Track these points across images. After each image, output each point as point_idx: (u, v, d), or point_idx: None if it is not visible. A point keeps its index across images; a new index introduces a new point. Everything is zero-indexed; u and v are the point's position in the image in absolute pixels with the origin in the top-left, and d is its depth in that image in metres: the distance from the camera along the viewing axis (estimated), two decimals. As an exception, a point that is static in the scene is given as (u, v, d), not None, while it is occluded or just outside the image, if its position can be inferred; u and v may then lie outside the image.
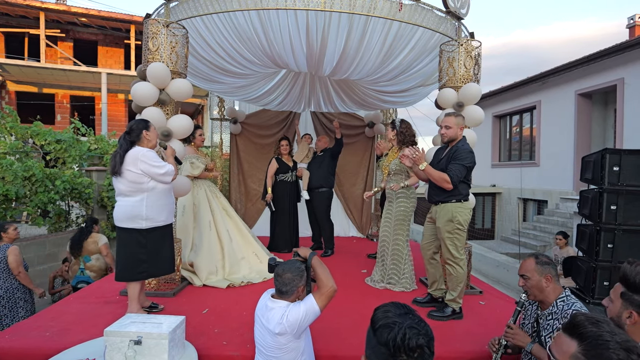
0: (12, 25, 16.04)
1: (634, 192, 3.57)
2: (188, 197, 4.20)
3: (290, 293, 2.09)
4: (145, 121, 3.00)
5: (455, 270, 3.13)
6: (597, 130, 9.59)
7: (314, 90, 5.73)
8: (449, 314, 3.16)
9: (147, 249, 2.90)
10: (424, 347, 1.00)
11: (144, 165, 2.79)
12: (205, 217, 4.25)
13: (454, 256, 3.12)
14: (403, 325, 1.01)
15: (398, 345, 0.99)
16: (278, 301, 2.10)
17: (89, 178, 7.68)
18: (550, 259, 2.12)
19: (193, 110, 19.89)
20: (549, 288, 2.04)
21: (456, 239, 3.12)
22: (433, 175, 3.09)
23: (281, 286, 2.08)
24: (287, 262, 2.14)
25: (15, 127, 7.61)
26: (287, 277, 2.08)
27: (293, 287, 2.09)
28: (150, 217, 2.88)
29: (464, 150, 3.08)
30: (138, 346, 2.06)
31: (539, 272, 2.05)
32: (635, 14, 9.51)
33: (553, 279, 2.05)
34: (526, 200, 11.41)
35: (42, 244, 6.59)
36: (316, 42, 3.74)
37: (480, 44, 3.88)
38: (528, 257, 2.16)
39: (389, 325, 1.02)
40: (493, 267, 8.10)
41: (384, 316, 1.06)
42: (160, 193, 2.93)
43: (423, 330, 1.02)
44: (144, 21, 3.60)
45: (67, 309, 3.22)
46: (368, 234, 6.71)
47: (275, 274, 2.12)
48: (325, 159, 5.33)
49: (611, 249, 3.58)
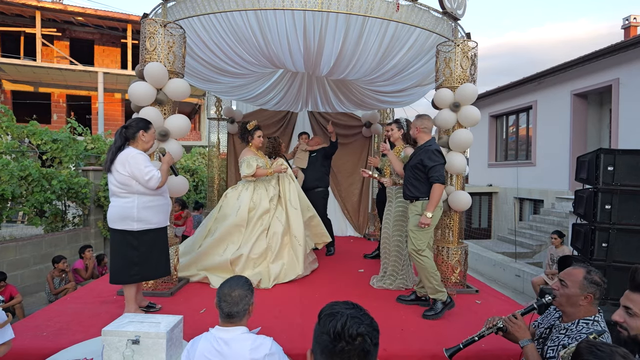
0: (8, 24, 15.95)
1: (628, 191, 3.60)
2: (245, 198, 4.13)
3: (242, 314, 1.77)
4: (146, 122, 2.96)
5: (422, 261, 3.21)
6: (593, 130, 9.65)
7: (311, 90, 5.74)
8: (441, 309, 3.19)
9: (139, 251, 2.82)
10: (364, 336, 0.99)
11: (130, 168, 2.73)
12: (258, 217, 4.13)
13: (417, 248, 3.21)
14: (345, 314, 1.02)
15: (338, 332, 0.99)
16: (232, 329, 1.75)
17: (86, 178, 7.66)
18: (603, 280, 1.87)
19: (190, 110, 19.86)
20: (583, 307, 1.84)
21: (421, 233, 3.22)
22: (438, 198, 3.16)
23: (231, 307, 1.75)
24: (230, 279, 1.86)
25: (11, 127, 7.57)
26: (236, 295, 1.76)
27: (246, 305, 1.78)
28: (142, 218, 2.81)
29: (431, 152, 3.20)
30: (136, 345, 2.07)
31: (582, 287, 1.84)
32: (631, 15, 9.59)
33: (593, 301, 1.84)
34: (522, 200, 11.47)
35: (38, 244, 6.57)
36: (313, 42, 3.75)
37: (477, 44, 3.90)
38: (579, 266, 1.94)
39: (332, 314, 1.03)
40: (489, 267, 8.14)
41: (329, 307, 1.08)
42: (153, 194, 2.86)
43: (366, 321, 1.02)
44: (141, 21, 3.59)
45: (63, 309, 3.21)
46: (365, 233, 6.73)
47: (220, 295, 1.79)
48: (319, 159, 5.30)
49: (605, 248, 3.61)
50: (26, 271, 6.33)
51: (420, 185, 3.24)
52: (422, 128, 3.32)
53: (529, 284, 6.30)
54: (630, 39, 7.95)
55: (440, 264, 3.89)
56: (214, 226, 4.23)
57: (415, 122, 3.38)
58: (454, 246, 3.92)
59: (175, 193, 3.66)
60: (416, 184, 3.26)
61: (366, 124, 6.61)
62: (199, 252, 4.09)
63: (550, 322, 2.06)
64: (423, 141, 3.32)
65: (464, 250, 3.96)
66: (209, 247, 4.06)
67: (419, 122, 3.34)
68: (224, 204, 4.24)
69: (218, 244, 4.05)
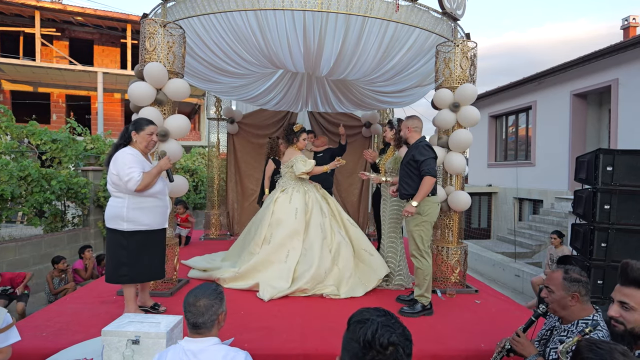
0: (7, 24, 15.93)
1: (627, 191, 3.60)
2: (299, 201, 3.96)
3: (210, 325, 1.67)
4: (139, 123, 2.93)
5: (420, 263, 3.24)
6: (592, 131, 9.67)
7: (311, 90, 5.74)
8: (419, 310, 3.22)
9: (127, 251, 2.80)
10: (397, 346, 0.95)
11: (116, 167, 2.74)
12: (317, 220, 3.97)
13: (420, 249, 3.24)
14: (376, 321, 0.98)
15: (368, 340, 0.95)
16: (201, 340, 1.65)
17: (85, 178, 7.66)
18: (583, 275, 1.88)
19: (190, 110, 19.85)
20: (574, 307, 1.84)
21: (422, 232, 3.25)
22: (427, 190, 3.17)
23: (196, 318, 1.65)
24: (197, 288, 1.76)
25: (11, 127, 7.57)
26: (201, 305, 1.66)
27: (213, 316, 1.67)
28: (131, 219, 2.78)
29: (420, 148, 3.26)
30: (136, 345, 2.07)
31: (564, 288, 1.84)
32: (630, 15, 9.60)
33: (581, 298, 1.83)
34: (522, 200, 11.48)
35: (37, 244, 6.56)
36: (313, 42, 3.75)
37: (476, 44, 3.91)
38: (557, 268, 1.95)
39: (362, 321, 0.99)
40: (489, 266, 8.15)
41: (360, 313, 1.03)
42: (144, 195, 2.82)
43: (399, 330, 0.98)
44: (141, 21, 3.59)
45: (63, 309, 3.21)
46: (365, 233, 6.72)
47: (185, 305, 1.70)
48: (326, 159, 5.28)
49: (605, 248, 3.62)
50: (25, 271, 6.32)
51: (414, 182, 3.25)
52: (413, 127, 3.41)
53: (528, 283, 6.31)
54: (630, 40, 7.96)
55: (440, 264, 3.90)
56: (268, 232, 3.97)
57: (406, 122, 3.47)
58: (453, 246, 3.93)
59: (174, 193, 3.66)
60: (410, 182, 3.28)
61: (366, 124, 6.62)
62: (256, 260, 3.86)
63: (552, 323, 2.08)
64: (414, 140, 3.40)
65: (464, 250, 3.97)
66: (268, 255, 3.85)
67: (410, 122, 3.44)
68: (277, 209, 4.00)
69: (278, 249, 3.84)
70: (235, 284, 3.81)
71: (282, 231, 3.89)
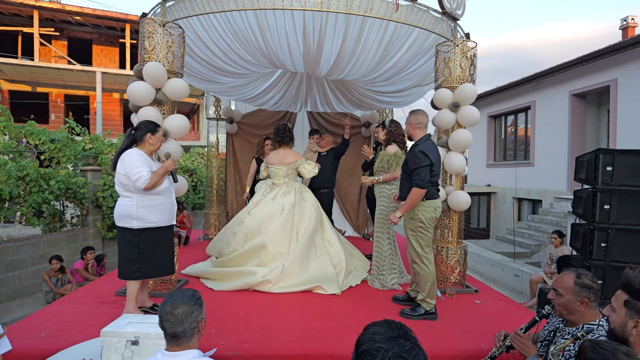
0: (5, 24, 15.89)
1: (627, 191, 3.61)
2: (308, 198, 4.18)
3: (190, 334, 1.55)
4: (154, 125, 3.01)
5: (421, 269, 3.13)
6: (591, 131, 9.68)
7: (311, 90, 5.73)
8: (421, 314, 3.14)
9: (138, 248, 2.90)
10: None
11: (124, 167, 2.81)
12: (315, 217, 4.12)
13: (419, 254, 3.13)
14: (388, 354, 0.86)
15: None
16: (180, 353, 1.52)
17: (84, 178, 7.63)
18: (595, 281, 1.84)
19: (189, 110, 19.83)
20: (581, 312, 1.81)
21: (420, 237, 3.13)
22: (413, 201, 3.05)
23: (174, 327, 1.52)
24: (173, 294, 1.63)
25: (9, 127, 7.55)
26: (179, 313, 1.54)
27: (193, 323, 1.56)
28: (140, 217, 2.87)
29: (414, 154, 3.07)
30: (135, 346, 2.06)
31: (574, 293, 1.81)
32: (629, 16, 9.62)
33: (590, 304, 1.80)
34: (521, 200, 11.49)
35: (36, 245, 6.55)
36: (313, 42, 3.74)
37: (476, 44, 3.91)
38: (569, 271, 1.89)
39: (371, 352, 0.88)
40: (488, 266, 8.16)
41: (370, 339, 0.92)
42: (152, 194, 2.90)
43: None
44: (140, 20, 3.58)
45: (62, 309, 3.20)
46: (364, 233, 6.73)
47: (161, 314, 1.57)
48: (329, 159, 5.27)
49: (604, 248, 3.62)
50: (24, 272, 6.31)
51: (409, 185, 3.14)
52: (417, 124, 3.17)
53: (527, 283, 6.31)
54: (629, 40, 7.97)
55: (440, 264, 3.90)
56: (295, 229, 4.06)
57: (409, 118, 3.24)
58: (453, 246, 3.92)
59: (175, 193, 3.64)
60: (406, 185, 3.17)
61: (365, 124, 6.61)
62: None
63: (555, 325, 2.06)
64: (417, 138, 3.18)
65: (463, 250, 3.97)
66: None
67: (413, 118, 3.20)
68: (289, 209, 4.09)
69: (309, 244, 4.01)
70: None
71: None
